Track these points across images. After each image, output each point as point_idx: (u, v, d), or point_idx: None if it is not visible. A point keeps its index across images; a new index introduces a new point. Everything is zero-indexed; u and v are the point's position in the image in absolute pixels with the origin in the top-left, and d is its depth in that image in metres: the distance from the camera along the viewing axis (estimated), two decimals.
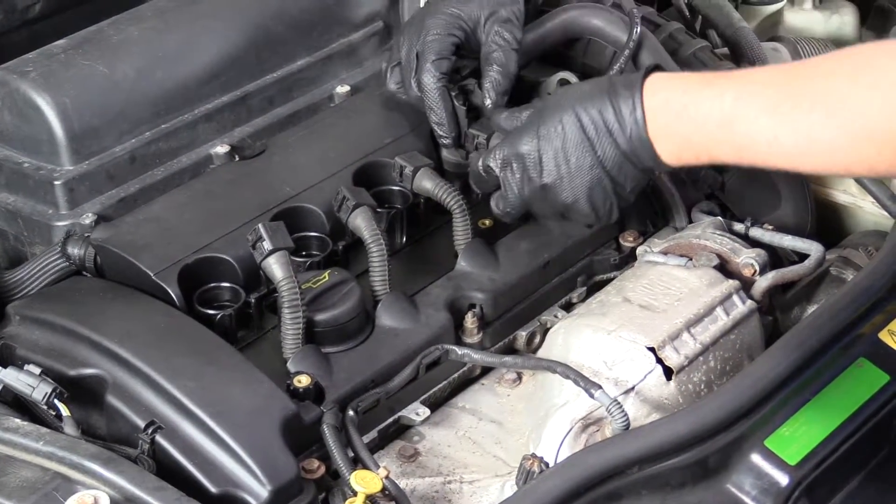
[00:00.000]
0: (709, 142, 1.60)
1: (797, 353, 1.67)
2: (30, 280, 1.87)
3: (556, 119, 1.69)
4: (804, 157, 1.53)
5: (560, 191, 1.71)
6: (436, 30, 1.94)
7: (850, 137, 1.48)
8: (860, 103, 1.47)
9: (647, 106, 1.63)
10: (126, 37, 2.04)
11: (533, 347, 1.87)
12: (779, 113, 1.52)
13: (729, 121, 1.56)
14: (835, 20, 2.57)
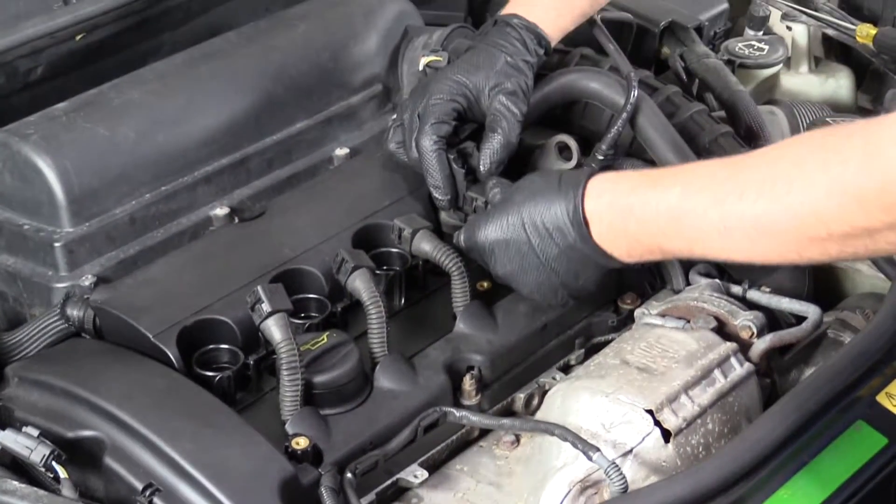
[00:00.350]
0: (659, 238, 1.66)
1: (795, 416, 1.67)
2: (29, 341, 1.87)
3: (505, 218, 1.79)
4: (756, 246, 1.56)
5: (512, 282, 1.82)
6: (439, 94, 1.95)
7: (798, 222, 1.49)
8: (806, 187, 1.48)
9: (592, 208, 1.71)
10: (127, 100, 2.05)
11: (531, 410, 1.87)
12: (726, 204, 1.56)
13: (677, 217, 1.61)
14: (831, 84, 2.59)
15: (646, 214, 1.65)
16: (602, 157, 2.06)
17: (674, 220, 1.62)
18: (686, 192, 1.61)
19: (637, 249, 1.70)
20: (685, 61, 2.36)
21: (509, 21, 2.02)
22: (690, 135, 2.12)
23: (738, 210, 1.55)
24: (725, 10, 2.51)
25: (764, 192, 1.52)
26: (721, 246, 1.60)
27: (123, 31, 2.21)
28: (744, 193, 1.54)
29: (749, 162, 1.58)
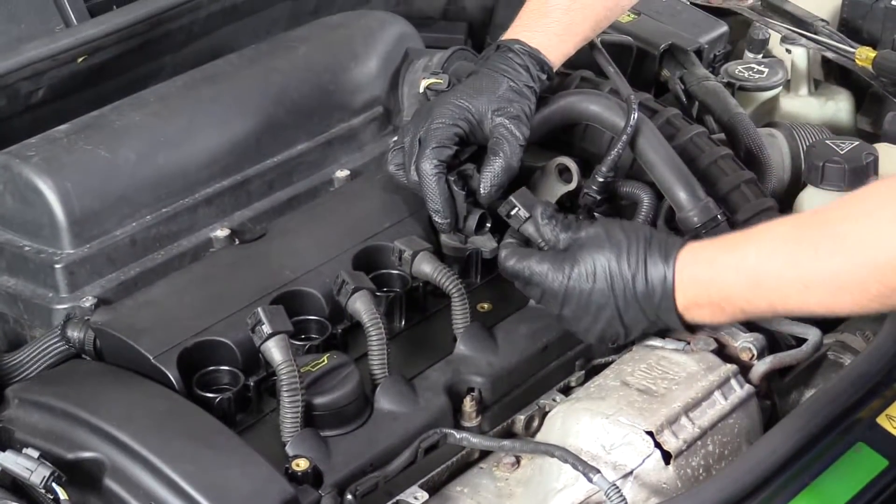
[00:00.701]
0: (741, 303, 1.69)
1: (796, 438, 1.67)
2: (29, 363, 1.87)
3: (589, 267, 1.77)
4: (837, 299, 1.58)
5: (572, 323, 1.82)
6: (441, 119, 1.95)
7: (876, 274, 1.52)
8: (880, 239, 1.51)
9: (676, 281, 1.72)
10: (128, 122, 2.06)
11: (531, 431, 1.87)
12: (802, 265, 1.58)
13: (756, 283, 1.65)
14: (830, 106, 2.59)
15: (726, 282, 1.69)
16: (602, 179, 2.06)
17: (753, 287, 1.66)
18: (761, 256, 1.64)
19: (719, 317, 1.75)
20: (685, 84, 2.36)
21: (511, 46, 2.02)
22: (690, 157, 2.12)
23: (815, 269, 1.58)
24: (725, 33, 2.52)
25: (837, 248, 1.55)
26: (803, 302, 1.62)
27: (125, 54, 2.22)
28: (818, 252, 1.57)
29: (820, 219, 1.61)
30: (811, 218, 1.63)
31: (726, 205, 2.09)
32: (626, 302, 1.76)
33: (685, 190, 2.04)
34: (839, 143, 2.26)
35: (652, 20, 2.46)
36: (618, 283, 1.76)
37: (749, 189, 2.12)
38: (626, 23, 2.43)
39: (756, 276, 1.65)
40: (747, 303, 1.68)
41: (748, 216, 2.09)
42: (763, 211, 2.11)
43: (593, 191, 2.07)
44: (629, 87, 2.12)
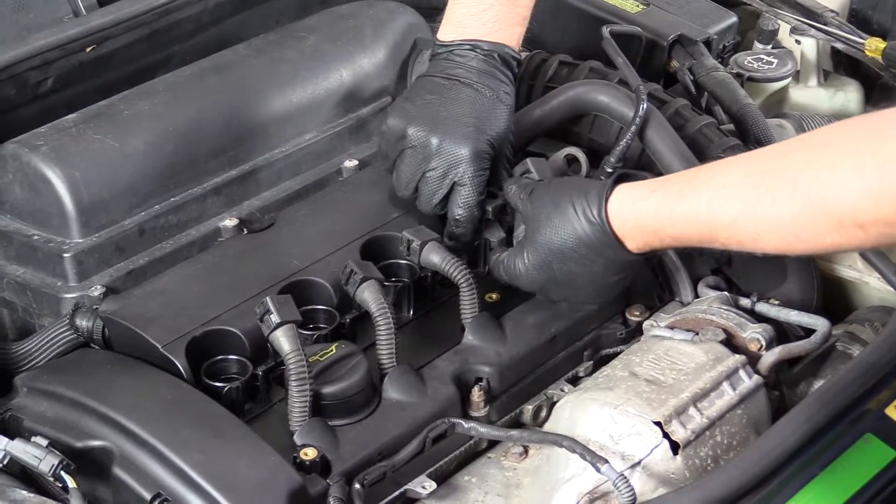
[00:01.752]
0: (693, 245, 1.70)
1: (804, 429, 1.67)
2: (38, 352, 1.88)
3: (540, 259, 1.81)
4: (792, 245, 1.56)
5: (571, 301, 1.89)
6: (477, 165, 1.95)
7: (835, 223, 1.50)
8: (841, 191, 1.48)
9: (619, 228, 1.74)
10: (136, 111, 2.06)
11: (539, 421, 1.87)
12: (758, 212, 1.56)
13: (709, 232, 1.64)
14: (839, 97, 2.59)
15: (677, 231, 1.68)
16: (611, 169, 2.06)
17: (708, 235, 1.65)
18: (714, 203, 1.62)
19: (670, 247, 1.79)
20: (694, 74, 2.36)
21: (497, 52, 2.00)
22: (699, 148, 2.12)
23: (772, 214, 1.55)
24: (734, 24, 2.51)
25: (797, 195, 1.52)
26: (756, 246, 1.61)
27: (133, 43, 2.22)
28: (775, 198, 1.54)
29: (777, 164, 1.57)
30: (768, 162, 1.59)
31: None
32: (585, 266, 1.78)
33: None
34: None
35: (661, 10, 2.45)
36: (568, 258, 1.78)
37: None
38: (634, 13, 2.42)
39: (710, 226, 1.63)
40: (698, 244, 1.69)
41: None
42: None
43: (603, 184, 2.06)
44: (638, 77, 2.12)
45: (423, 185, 1.96)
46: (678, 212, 1.66)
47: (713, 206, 1.62)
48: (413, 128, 1.94)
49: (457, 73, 1.99)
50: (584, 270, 1.79)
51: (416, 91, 2.00)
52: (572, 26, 2.45)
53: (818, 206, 1.50)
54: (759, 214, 1.56)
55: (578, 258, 1.78)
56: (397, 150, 1.97)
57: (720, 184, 1.62)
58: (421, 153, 1.95)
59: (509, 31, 2.03)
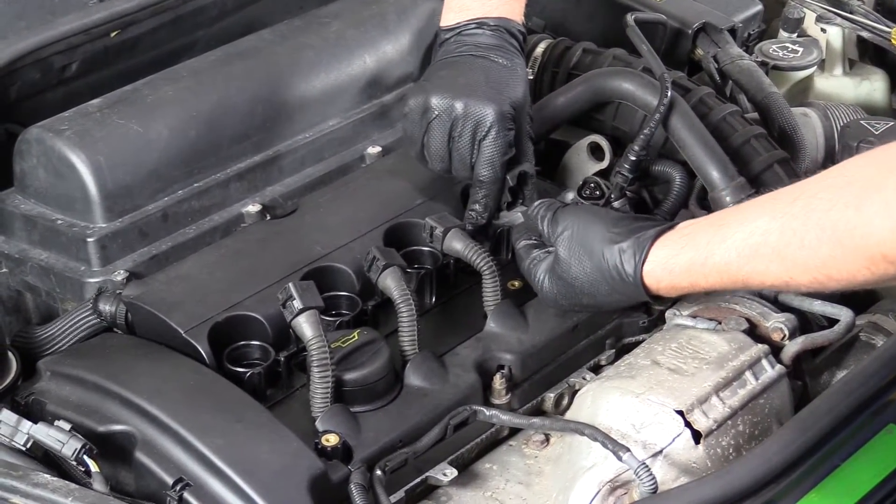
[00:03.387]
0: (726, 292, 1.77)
1: (827, 419, 1.66)
2: (61, 336, 1.88)
3: (582, 267, 1.79)
4: (823, 283, 1.58)
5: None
6: (500, 128, 1.94)
7: (865, 261, 1.50)
8: (869, 229, 1.48)
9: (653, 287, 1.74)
10: (160, 96, 2.06)
11: (561, 409, 1.87)
12: (787, 258, 1.57)
13: (743, 282, 1.66)
14: (865, 86, 2.57)
15: (709, 283, 1.69)
16: (634, 157, 2.06)
17: (740, 283, 1.67)
18: (742, 255, 1.63)
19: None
20: (718, 63, 2.35)
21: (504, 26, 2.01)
22: (723, 136, 2.12)
23: (801, 261, 1.56)
24: (759, 12, 2.50)
25: (824, 238, 1.53)
26: (789, 288, 1.70)
27: (158, 28, 2.22)
28: (804, 240, 1.55)
29: (801, 209, 1.57)
30: (793, 205, 1.59)
31: (759, 184, 2.08)
32: (610, 298, 1.79)
33: (718, 169, 2.04)
34: (874, 123, 2.24)
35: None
36: (597, 292, 1.79)
37: (782, 169, 2.11)
38: (659, 1, 2.41)
39: (742, 276, 1.65)
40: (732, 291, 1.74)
41: None
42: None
43: (625, 169, 2.06)
44: (662, 65, 2.12)
45: (454, 151, 1.95)
46: (710, 266, 1.67)
47: (742, 258, 1.63)
48: (435, 98, 1.94)
49: (467, 49, 2.00)
50: (611, 303, 1.82)
51: (432, 71, 2.01)
52: (597, 14, 2.45)
53: (847, 245, 1.51)
54: (788, 260, 1.57)
55: (608, 298, 1.79)
56: (423, 125, 1.96)
57: (747, 231, 1.63)
58: (447, 119, 1.94)
59: (511, 6, 2.04)
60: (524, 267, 1.86)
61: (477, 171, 1.94)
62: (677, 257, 1.71)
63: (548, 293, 1.83)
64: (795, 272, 1.58)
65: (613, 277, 1.75)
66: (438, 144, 1.96)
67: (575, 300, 1.81)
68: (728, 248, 1.64)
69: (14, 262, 2.00)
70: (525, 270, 1.86)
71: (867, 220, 1.48)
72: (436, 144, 1.96)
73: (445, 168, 1.97)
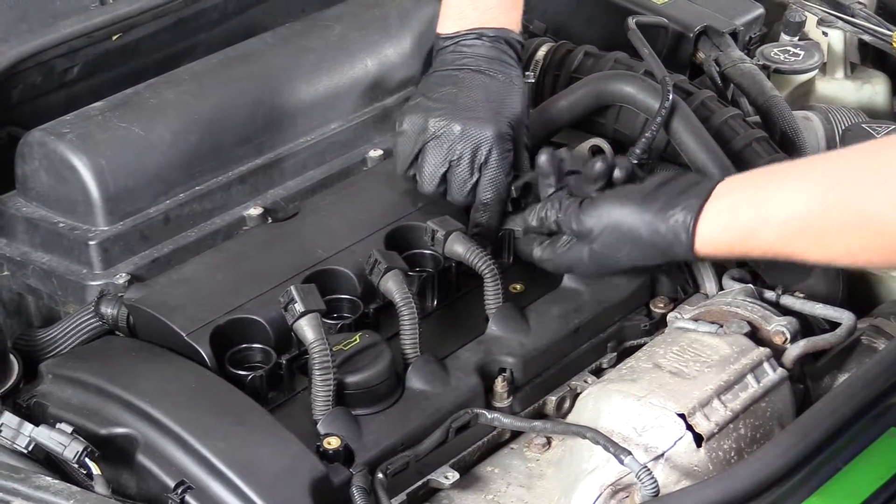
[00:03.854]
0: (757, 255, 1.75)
1: (828, 423, 1.66)
2: (63, 339, 1.88)
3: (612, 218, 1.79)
4: (863, 267, 1.75)
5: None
6: (499, 153, 1.95)
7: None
8: None
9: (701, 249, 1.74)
10: (162, 100, 2.06)
11: (563, 412, 1.87)
12: (828, 243, 1.63)
13: (786, 257, 1.70)
14: (866, 90, 2.57)
15: (753, 256, 1.79)
16: (636, 160, 2.06)
17: (783, 258, 1.70)
18: (784, 238, 1.66)
19: None
20: (720, 66, 2.35)
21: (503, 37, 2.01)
22: (725, 139, 2.12)
23: (843, 244, 1.61)
24: (761, 15, 2.50)
25: (862, 229, 1.58)
26: (831, 265, 1.82)
27: (159, 32, 2.22)
28: (843, 229, 1.60)
29: (839, 199, 1.61)
30: (829, 193, 1.62)
31: None
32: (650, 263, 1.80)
33: (719, 172, 2.03)
34: (875, 126, 2.24)
35: (687, 2, 2.44)
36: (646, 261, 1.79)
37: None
38: (661, 4, 2.42)
39: (784, 254, 1.68)
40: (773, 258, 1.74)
41: None
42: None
43: None
44: (664, 68, 2.12)
45: (451, 175, 1.95)
46: (752, 244, 1.69)
47: (784, 240, 1.66)
48: (434, 119, 1.94)
49: (466, 62, 1.99)
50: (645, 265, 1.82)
51: (429, 86, 2.00)
52: (598, 17, 2.45)
53: (886, 236, 1.57)
54: (829, 245, 1.63)
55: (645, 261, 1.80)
56: (419, 145, 1.96)
57: (787, 214, 1.65)
58: (445, 142, 1.94)
59: (508, 15, 2.04)
60: (551, 253, 1.86)
61: (480, 195, 1.95)
62: (721, 235, 1.72)
63: (589, 270, 1.84)
64: (835, 255, 1.64)
65: (665, 254, 1.76)
66: (434, 166, 1.95)
67: (610, 266, 1.82)
68: (770, 232, 1.67)
69: (16, 265, 2.00)
70: (548, 256, 1.86)
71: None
72: (430, 167, 1.96)
73: (437, 192, 1.97)
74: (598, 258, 1.81)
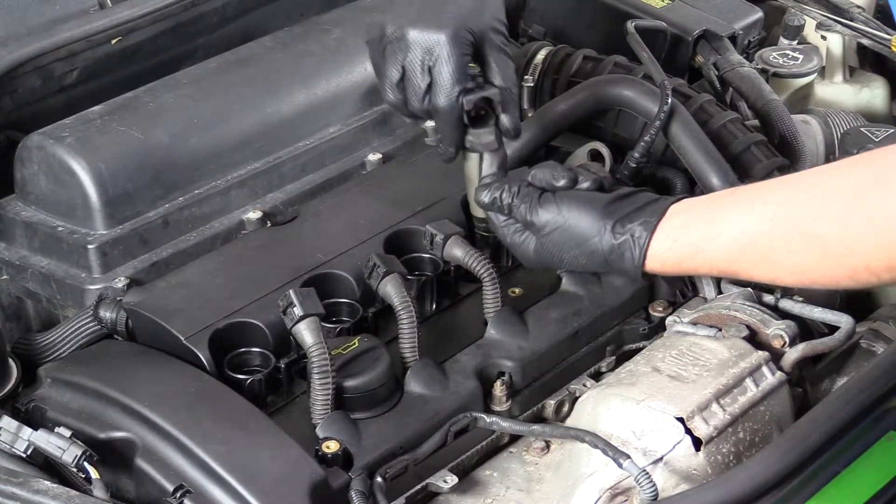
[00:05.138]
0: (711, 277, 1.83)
1: (827, 426, 1.66)
2: (61, 343, 1.88)
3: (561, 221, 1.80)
4: (809, 287, 1.72)
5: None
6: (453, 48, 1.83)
7: (849, 271, 1.58)
8: (853, 243, 1.55)
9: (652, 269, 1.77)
10: (161, 103, 2.06)
11: (561, 416, 1.87)
12: (774, 261, 1.64)
13: (727, 273, 1.76)
14: (865, 93, 2.57)
15: (697, 270, 1.78)
16: (634, 164, 2.06)
17: (725, 274, 1.77)
18: (732, 253, 1.68)
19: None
20: (719, 70, 2.35)
21: None
22: (723, 143, 2.12)
23: (788, 262, 1.63)
24: (760, 19, 2.50)
25: (810, 248, 1.60)
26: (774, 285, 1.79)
27: (159, 36, 2.23)
28: (790, 247, 1.61)
29: (791, 213, 1.62)
30: (780, 209, 1.64)
31: None
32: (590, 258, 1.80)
33: (718, 176, 2.04)
34: (874, 130, 2.25)
35: (686, 5, 2.44)
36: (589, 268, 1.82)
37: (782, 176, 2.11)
38: (660, 8, 2.42)
39: (730, 272, 1.72)
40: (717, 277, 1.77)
41: None
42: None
43: (625, 176, 2.07)
44: (662, 72, 2.12)
45: (406, 81, 1.85)
46: (700, 260, 1.72)
47: (732, 257, 1.69)
48: (391, 24, 1.84)
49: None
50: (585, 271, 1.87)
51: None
52: (597, 21, 2.45)
53: (832, 256, 1.57)
54: (775, 263, 1.65)
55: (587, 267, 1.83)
56: (379, 52, 1.87)
57: (736, 231, 1.67)
58: (399, 47, 1.84)
59: None
60: (502, 233, 1.86)
61: (432, 101, 1.84)
62: (670, 251, 1.74)
63: (531, 262, 1.85)
64: (781, 273, 1.66)
65: (610, 265, 1.79)
66: (389, 73, 1.86)
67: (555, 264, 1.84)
68: (718, 247, 1.69)
69: (15, 269, 2.00)
70: (503, 235, 1.86)
71: (852, 234, 1.55)
72: (390, 73, 1.86)
73: (399, 99, 1.87)
74: (543, 254, 1.82)
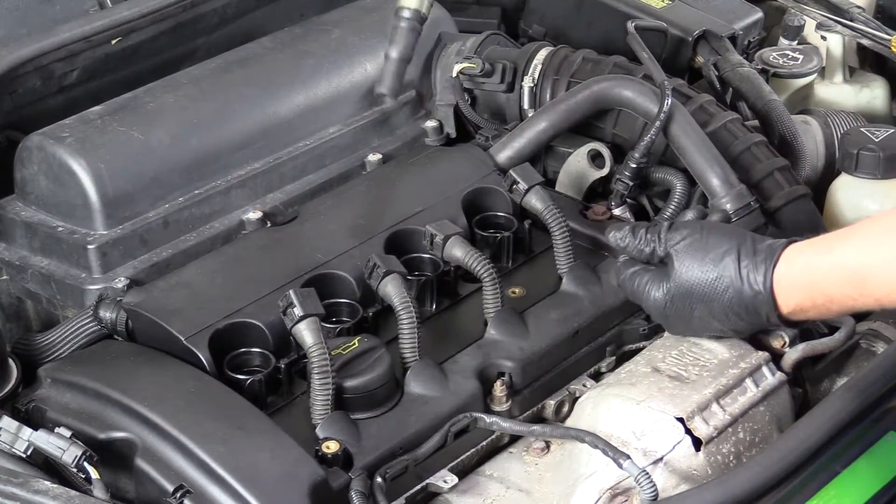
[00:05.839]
0: (848, 303, 1.71)
1: (827, 426, 1.66)
2: (61, 343, 1.88)
3: (685, 283, 1.78)
4: None
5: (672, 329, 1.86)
6: None
7: None
8: None
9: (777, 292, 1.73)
10: (161, 104, 2.06)
11: (561, 416, 1.87)
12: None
13: (860, 281, 1.67)
14: (865, 94, 2.58)
15: (830, 285, 1.70)
16: (635, 165, 2.06)
17: (859, 285, 1.67)
18: (864, 252, 1.66)
19: (827, 315, 1.79)
20: (719, 70, 2.35)
21: None
22: (723, 143, 2.12)
23: None
24: (760, 20, 2.51)
25: None
26: None
27: (158, 36, 2.23)
28: None
29: None
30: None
31: (759, 192, 2.08)
32: (727, 315, 1.77)
33: (718, 176, 2.04)
34: (874, 130, 2.24)
35: (686, 6, 2.45)
36: (716, 301, 1.76)
37: (782, 176, 2.11)
38: (660, 8, 2.42)
39: (860, 275, 1.66)
40: (853, 301, 1.69)
41: (781, 203, 2.08)
42: (797, 198, 2.10)
43: (626, 177, 2.07)
44: (663, 72, 2.12)
45: None
46: (828, 263, 1.69)
47: (863, 253, 1.66)
48: None
49: None
50: (722, 325, 1.79)
51: None
52: (597, 21, 2.45)
53: None
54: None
55: (724, 314, 1.77)
56: None
57: (868, 232, 1.66)
58: None
59: None
60: (625, 277, 1.85)
61: None
62: (798, 256, 1.72)
63: (656, 301, 1.81)
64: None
65: (743, 288, 1.74)
66: None
67: (684, 312, 1.79)
68: (849, 245, 1.67)
69: (15, 270, 2.00)
70: (625, 280, 1.85)
71: None
72: None
73: None
74: (676, 277, 1.79)
